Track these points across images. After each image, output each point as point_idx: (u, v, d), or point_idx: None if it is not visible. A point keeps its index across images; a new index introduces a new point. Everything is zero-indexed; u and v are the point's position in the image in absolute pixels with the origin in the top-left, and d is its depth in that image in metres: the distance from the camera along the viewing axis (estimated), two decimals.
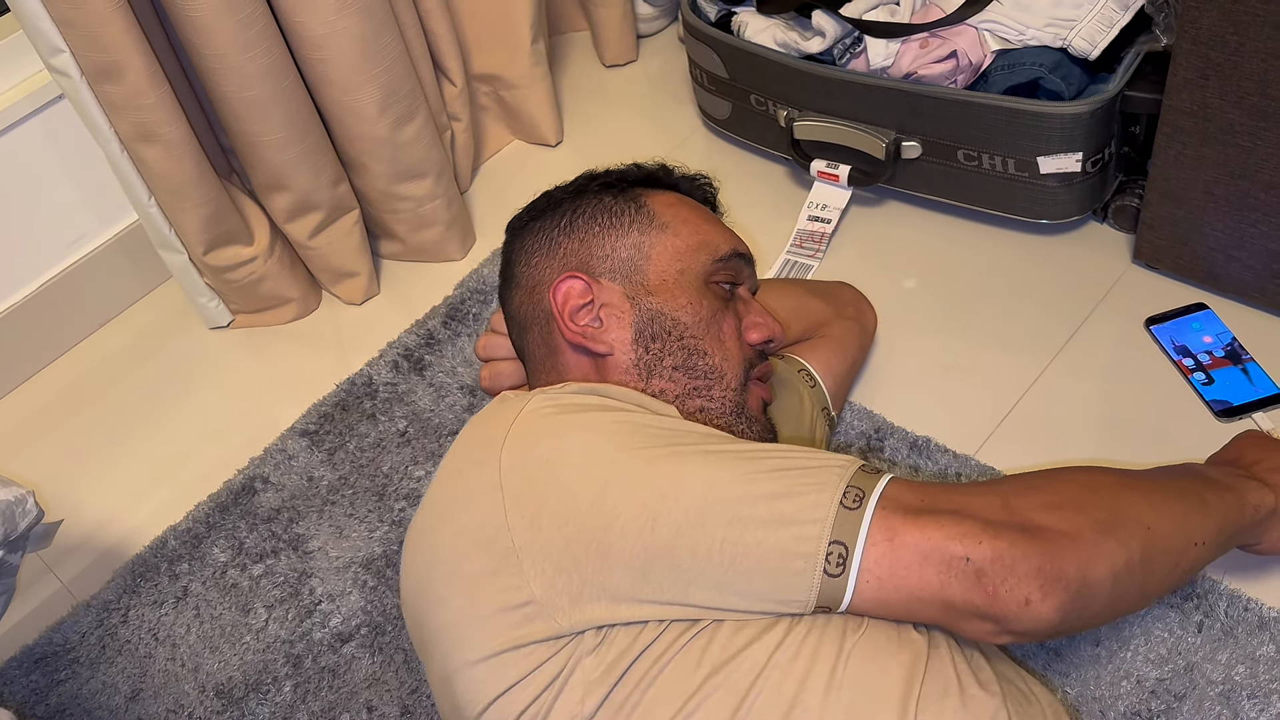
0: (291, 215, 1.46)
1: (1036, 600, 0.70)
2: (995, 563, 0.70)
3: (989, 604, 0.70)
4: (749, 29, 1.47)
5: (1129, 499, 0.79)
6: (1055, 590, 0.70)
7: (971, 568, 0.70)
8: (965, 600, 0.71)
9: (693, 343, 0.88)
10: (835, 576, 0.71)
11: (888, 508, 0.72)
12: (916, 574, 0.71)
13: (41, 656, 1.21)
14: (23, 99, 1.41)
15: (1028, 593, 0.70)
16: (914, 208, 1.49)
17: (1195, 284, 1.31)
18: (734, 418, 0.89)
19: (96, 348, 1.58)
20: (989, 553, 0.70)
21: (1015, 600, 0.70)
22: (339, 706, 1.11)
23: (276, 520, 1.29)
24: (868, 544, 0.71)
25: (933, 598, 0.71)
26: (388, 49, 1.37)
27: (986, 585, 0.70)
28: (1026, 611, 0.70)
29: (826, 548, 0.71)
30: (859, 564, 0.71)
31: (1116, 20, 1.27)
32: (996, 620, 0.71)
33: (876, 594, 0.72)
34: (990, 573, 0.70)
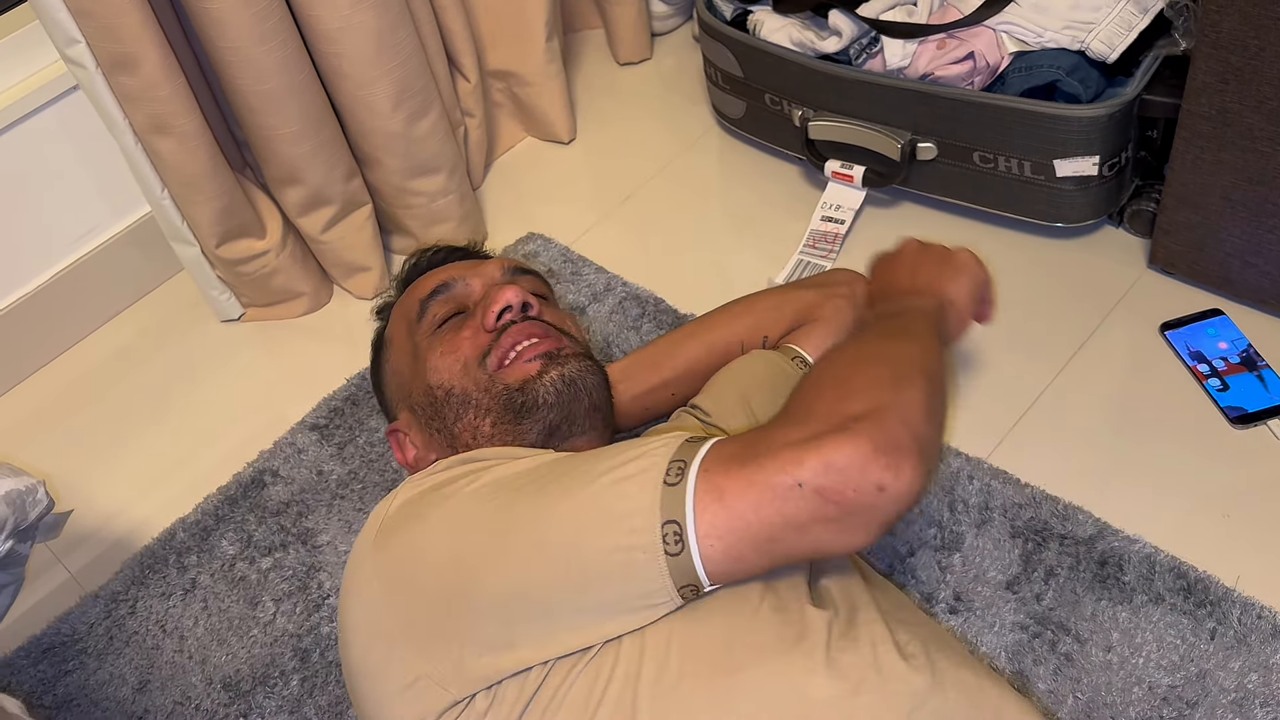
0: (304, 209, 1.46)
1: (890, 479, 0.69)
2: (829, 471, 0.69)
3: (845, 510, 0.69)
4: (765, 28, 1.47)
5: (889, 351, 0.82)
6: (901, 459, 0.69)
7: (808, 488, 0.69)
8: (817, 517, 0.69)
9: (442, 391, 0.96)
10: (677, 555, 0.71)
11: (710, 469, 0.71)
12: (756, 519, 0.70)
13: (49, 646, 1.21)
14: (38, 89, 1.41)
15: (877, 478, 0.68)
16: (928, 209, 1.48)
17: (1211, 290, 1.30)
18: (509, 400, 0.93)
19: (108, 339, 1.58)
20: (817, 466, 0.69)
21: (869, 491, 0.69)
22: (345, 700, 1.11)
23: (285, 514, 1.28)
24: (697, 510, 0.70)
25: (785, 533, 0.70)
26: (403, 44, 1.37)
27: (832, 495, 0.69)
28: (886, 495, 0.69)
29: (661, 530, 0.70)
30: (694, 533, 0.70)
31: (1135, 23, 1.26)
32: (861, 518, 0.70)
33: (727, 553, 0.71)
34: (829, 483, 0.69)
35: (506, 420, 0.94)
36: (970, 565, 1.10)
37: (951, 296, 0.96)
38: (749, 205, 1.57)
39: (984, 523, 1.13)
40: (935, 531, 1.13)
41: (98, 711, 1.15)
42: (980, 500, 1.14)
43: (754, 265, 1.46)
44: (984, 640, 1.04)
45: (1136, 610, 1.04)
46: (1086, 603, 1.05)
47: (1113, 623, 1.03)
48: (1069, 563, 1.08)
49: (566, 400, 0.94)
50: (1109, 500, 1.13)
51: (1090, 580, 1.06)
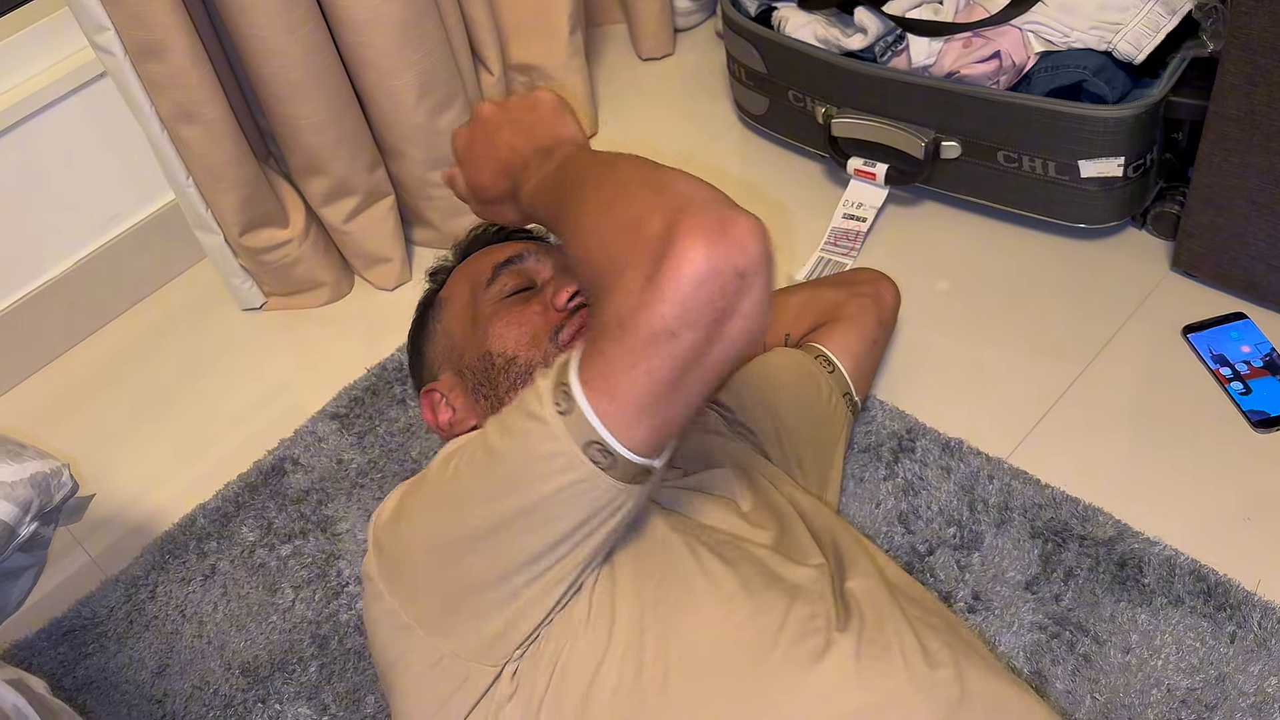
0: (327, 199, 1.47)
1: (739, 257, 0.63)
2: (690, 301, 0.63)
3: (729, 313, 0.64)
4: (790, 24, 1.47)
5: (605, 174, 0.75)
6: (731, 231, 0.63)
7: (684, 328, 0.63)
8: (711, 339, 0.64)
9: (501, 359, 0.93)
10: (613, 465, 0.68)
11: (589, 379, 0.67)
12: (660, 386, 0.65)
13: (70, 629, 1.22)
14: (65, 76, 1.42)
15: (732, 266, 0.63)
16: (951, 209, 1.48)
17: (1234, 293, 1.29)
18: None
19: (130, 325, 1.59)
20: (676, 305, 0.63)
21: (733, 282, 0.63)
22: (364, 688, 1.11)
23: (305, 502, 1.29)
24: (603, 419, 0.67)
25: (692, 372, 0.65)
26: (428, 35, 1.38)
27: (709, 314, 0.63)
28: (750, 271, 0.63)
29: (586, 455, 0.68)
30: (614, 440, 0.67)
31: (1163, 24, 1.26)
32: (746, 307, 0.64)
33: (654, 431, 0.67)
34: (698, 307, 0.63)
35: None
36: (989, 565, 1.10)
37: (574, 137, 0.84)
38: (770, 202, 1.57)
39: (1003, 522, 1.13)
40: (954, 531, 1.13)
41: (117, 694, 1.16)
42: (1000, 500, 1.14)
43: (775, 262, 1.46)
44: (1002, 640, 1.04)
45: (1156, 612, 1.03)
46: (1106, 604, 1.05)
47: (1132, 624, 1.03)
48: (1088, 564, 1.08)
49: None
50: (1129, 502, 1.12)
51: (1110, 582, 1.06)
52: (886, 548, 1.13)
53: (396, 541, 0.79)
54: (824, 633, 0.75)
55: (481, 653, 0.76)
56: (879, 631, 0.76)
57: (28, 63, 1.42)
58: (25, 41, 1.41)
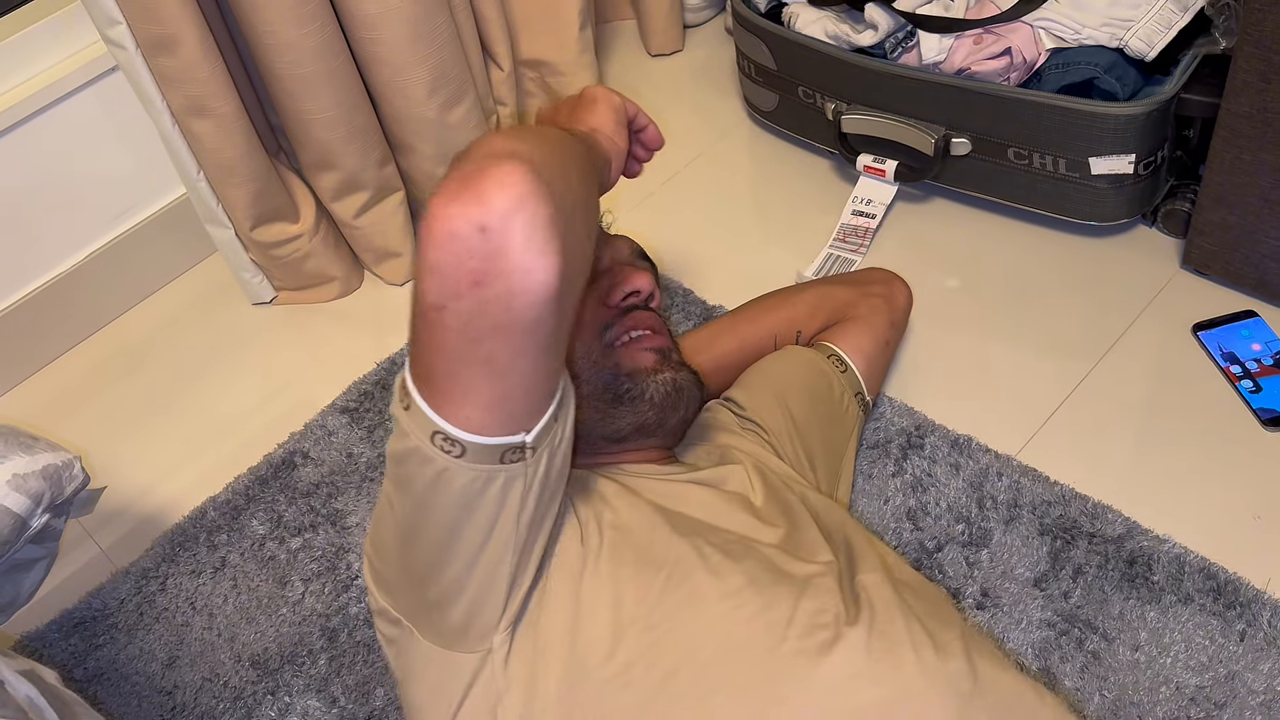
0: (338, 194, 1.47)
1: (477, 209, 0.58)
2: (432, 268, 0.59)
3: (484, 290, 0.59)
4: (800, 20, 1.47)
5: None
6: (486, 181, 0.58)
7: (442, 302, 0.61)
8: (480, 316, 0.60)
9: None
10: (463, 455, 0.67)
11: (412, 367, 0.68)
12: (456, 363, 0.64)
13: (81, 620, 1.22)
14: (77, 69, 1.42)
15: (468, 218, 0.58)
16: (960, 205, 1.48)
17: (1245, 291, 1.29)
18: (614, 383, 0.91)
19: (141, 319, 1.60)
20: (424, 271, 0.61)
21: (474, 242, 0.58)
22: (373, 681, 1.12)
23: (315, 495, 1.29)
24: (436, 409, 0.66)
25: (473, 355, 0.63)
26: (439, 31, 1.38)
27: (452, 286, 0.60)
28: (492, 232, 0.58)
29: (436, 445, 0.67)
30: (453, 428, 0.66)
31: (1175, 22, 1.25)
32: (497, 278, 0.59)
33: (486, 413, 0.65)
34: (440, 275, 0.60)
35: (601, 399, 0.91)
36: (998, 562, 1.10)
37: (594, 124, 0.85)
38: (779, 198, 1.57)
39: (1012, 520, 1.13)
40: (963, 528, 1.13)
41: (128, 686, 1.16)
42: (1009, 497, 1.14)
43: (783, 258, 1.46)
44: (1011, 637, 1.04)
45: (1165, 610, 1.03)
46: (1115, 601, 1.05)
47: (1141, 622, 1.03)
48: (1097, 561, 1.08)
49: (669, 405, 0.93)
50: (1138, 499, 1.12)
51: (1119, 579, 1.06)
52: (895, 544, 1.13)
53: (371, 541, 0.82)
54: (833, 626, 0.75)
55: (455, 641, 0.77)
56: (890, 624, 0.76)
57: (40, 57, 1.43)
58: (37, 36, 1.42)
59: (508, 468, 0.69)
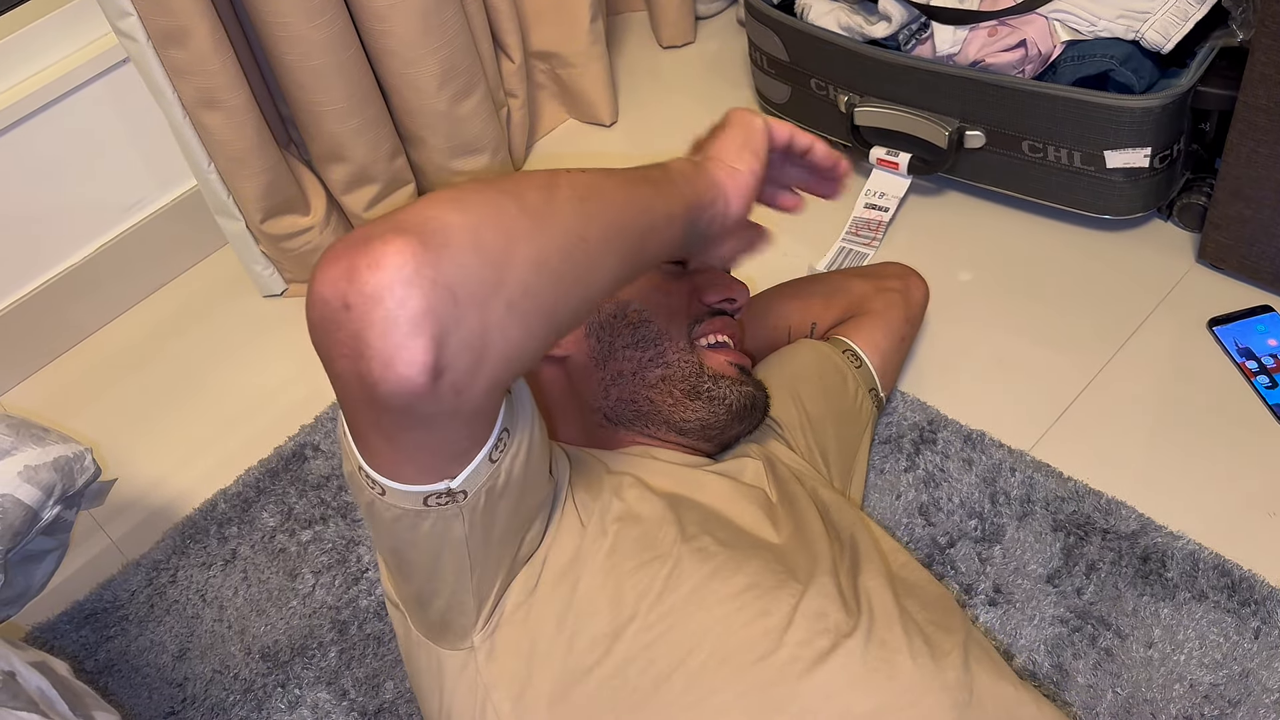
0: (348, 186, 1.47)
1: (345, 285, 0.52)
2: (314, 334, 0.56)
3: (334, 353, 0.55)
4: (813, 12, 1.46)
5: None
6: (366, 250, 0.52)
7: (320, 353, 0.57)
8: (343, 376, 0.56)
9: (637, 315, 0.91)
10: (380, 494, 0.65)
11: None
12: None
13: (92, 612, 1.23)
14: (88, 61, 1.43)
15: (333, 289, 0.53)
16: (974, 198, 1.47)
17: (1261, 285, 1.28)
18: (697, 378, 0.91)
19: (153, 311, 1.60)
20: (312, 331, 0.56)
21: (334, 311, 0.53)
22: (383, 674, 1.12)
23: (326, 488, 1.29)
24: (357, 444, 0.64)
25: (348, 407, 0.60)
26: (449, 23, 1.37)
27: (321, 343, 0.56)
28: (354, 313, 0.53)
29: (364, 478, 0.65)
30: (368, 468, 0.64)
31: (1191, 14, 1.24)
32: (350, 353, 0.54)
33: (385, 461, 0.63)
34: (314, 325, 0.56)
35: (679, 387, 0.90)
36: (1011, 558, 1.09)
37: (713, 151, 0.76)
38: None
39: (1025, 515, 1.12)
40: (976, 523, 1.12)
41: (138, 677, 1.16)
42: (1022, 493, 1.14)
43: (796, 251, 1.45)
44: (1023, 633, 1.04)
45: (1179, 607, 1.03)
46: (1128, 598, 1.04)
47: (1154, 619, 1.02)
48: (1111, 557, 1.07)
49: (740, 416, 0.93)
50: (1153, 496, 1.11)
51: (1132, 575, 1.06)
52: (907, 540, 1.13)
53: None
54: (830, 634, 0.74)
55: (437, 637, 0.77)
56: (888, 632, 0.75)
57: (51, 49, 1.43)
58: (48, 27, 1.42)
59: (436, 510, 0.65)
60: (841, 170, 0.86)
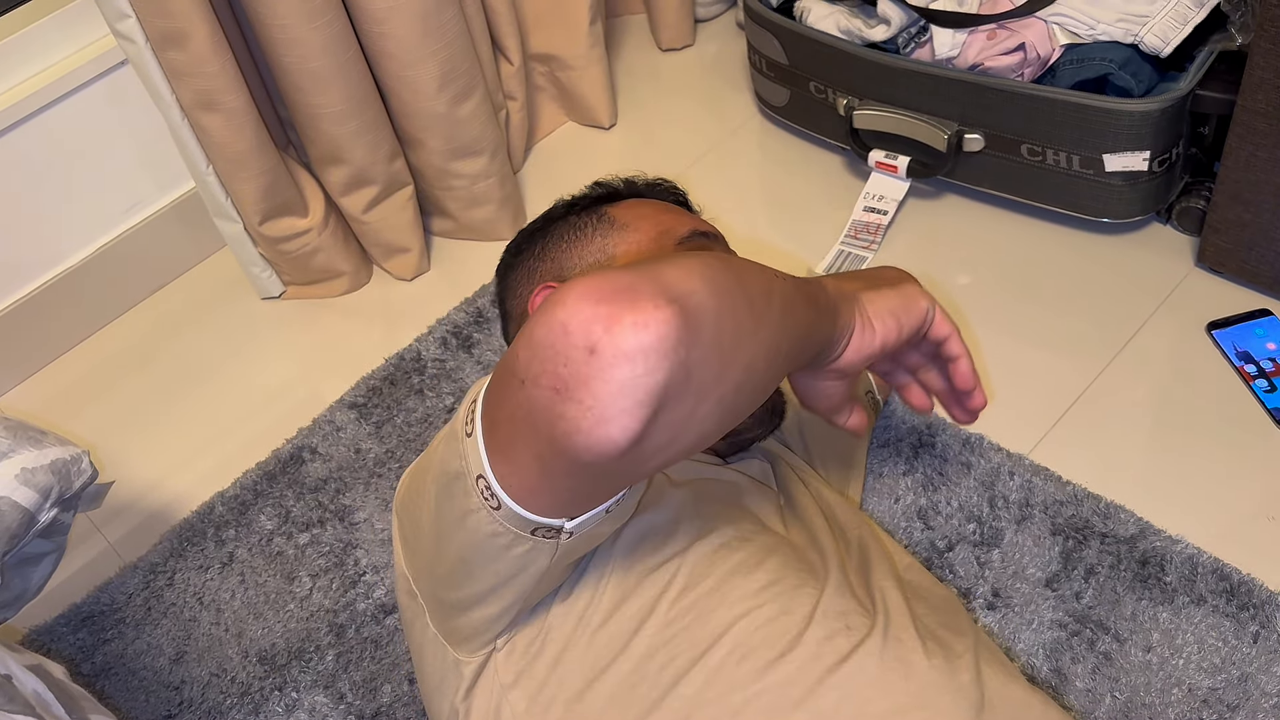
0: (347, 189, 1.47)
1: (600, 332, 0.51)
2: (528, 346, 0.54)
3: (563, 393, 0.53)
4: (812, 15, 1.46)
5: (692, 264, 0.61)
6: (625, 304, 0.52)
7: (527, 380, 0.55)
8: (543, 410, 0.55)
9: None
10: (499, 508, 0.63)
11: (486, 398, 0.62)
12: (516, 437, 0.58)
13: (89, 615, 1.22)
14: (86, 63, 1.42)
15: (584, 336, 0.52)
16: (973, 202, 1.47)
17: (1260, 289, 1.28)
18: None
19: (150, 313, 1.60)
20: (522, 347, 0.55)
21: (577, 359, 0.52)
22: (380, 677, 1.12)
23: (323, 490, 1.29)
24: (490, 456, 0.61)
25: (534, 443, 0.57)
26: (448, 25, 1.37)
27: (541, 377, 0.54)
28: (600, 359, 0.51)
29: (477, 487, 0.63)
30: (498, 483, 0.61)
31: (1190, 17, 1.24)
32: (584, 399, 0.53)
33: (532, 491, 0.61)
34: (532, 360, 0.54)
35: None
36: (1009, 562, 1.09)
37: (861, 297, 0.73)
38: (790, 194, 1.56)
39: (1024, 519, 1.12)
40: (974, 527, 1.12)
41: (135, 680, 1.16)
42: (1021, 497, 1.13)
43: (794, 254, 1.45)
44: (1022, 637, 1.04)
45: (1178, 611, 1.02)
46: (1127, 602, 1.04)
47: (1153, 623, 1.02)
48: (1110, 561, 1.07)
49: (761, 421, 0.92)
50: (1151, 500, 1.11)
51: (1131, 580, 1.05)
52: (906, 543, 1.13)
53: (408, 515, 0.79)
54: (848, 634, 0.74)
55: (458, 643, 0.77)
56: (904, 631, 0.75)
57: (49, 50, 1.43)
58: (46, 29, 1.42)
59: (537, 540, 0.65)
60: (976, 402, 0.84)
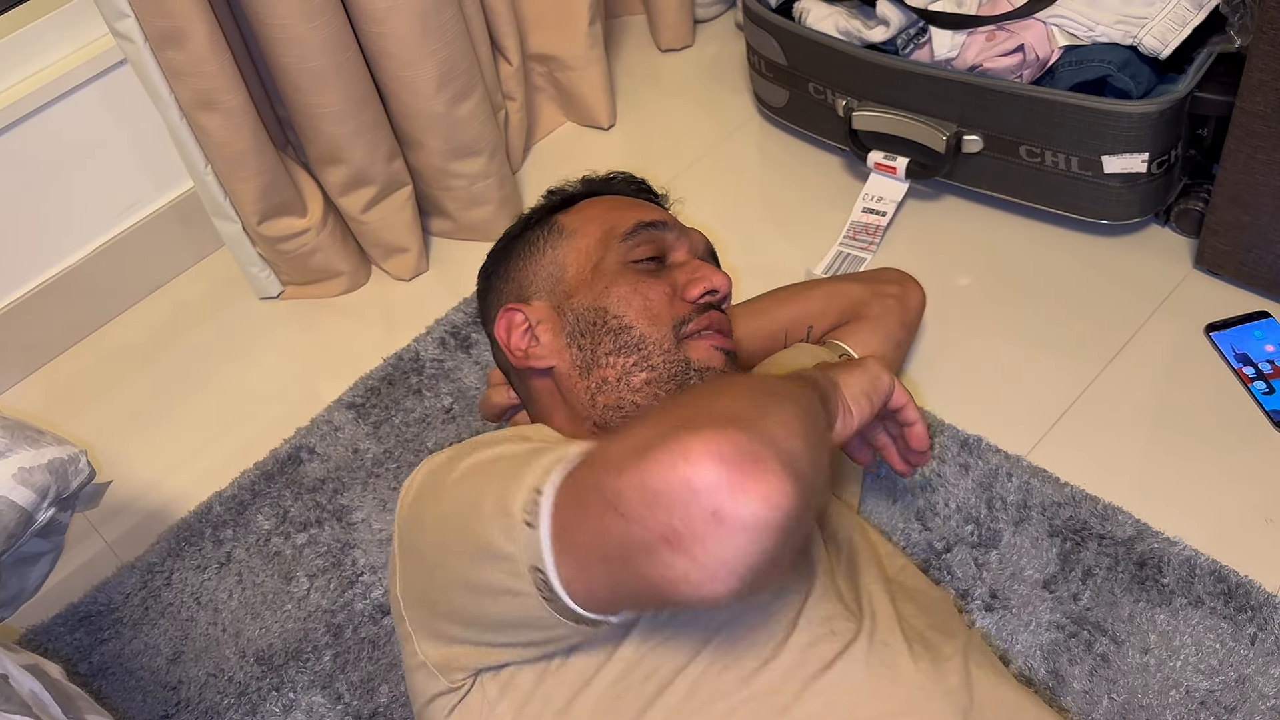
0: (345, 189, 1.47)
1: (728, 502, 0.53)
2: (643, 493, 0.55)
3: (677, 545, 0.54)
4: (811, 16, 1.46)
5: (756, 381, 0.71)
6: (750, 475, 0.53)
7: (629, 516, 0.56)
8: (648, 551, 0.56)
9: (616, 322, 0.90)
10: (553, 599, 0.63)
11: (560, 501, 0.62)
12: (600, 554, 0.59)
13: (86, 615, 1.22)
14: (85, 63, 1.42)
15: (710, 502, 0.53)
16: (972, 203, 1.47)
17: (1259, 291, 1.28)
18: (683, 376, 0.89)
19: (148, 313, 1.59)
20: (633, 486, 0.55)
21: (700, 520, 0.53)
22: (378, 678, 1.11)
23: (321, 490, 1.29)
24: (555, 554, 0.61)
25: (624, 572, 0.58)
26: (447, 25, 1.37)
27: (653, 525, 0.55)
28: (726, 527, 0.53)
29: (531, 577, 0.63)
30: (558, 580, 0.62)
31: (1189, 19, 1.24)
32: (701, 556, 0.54)
33: (595, 595, 0.62)
34: (647, 509, 0.55)
35: (665, 389, 0.88)
36: (1007, 563, 1.09)
37: (839, 380, 0.81)
38: (789, 195, 1.56)
39: (1022, 521, 1.12)
40: (972, 528, 1.12)
41: (132, 680, 1.16)
42: (1019, 498, 1.13)
43: (793, 255, 1.45)
44: (1019, 639, 1.04)
45: (1175, 613, 1.02)
46: (1124, 604, 1.04)
47: (1151, 625, 1.02)
48: (1107, 563, 1.07)
49: None
50: (1149, 501, 1.11)
51: (1129, 581, 1.05)
52: (903, 544, 1.13)
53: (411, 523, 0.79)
54: (835, 639, 0.74)
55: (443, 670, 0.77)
56: (890, 635, 0.75)
57: (47, 51, 1.43)
58: (45, 28, 1.42)
59: (584, 630, 0.66)
60: (924, 460, 0.93)
